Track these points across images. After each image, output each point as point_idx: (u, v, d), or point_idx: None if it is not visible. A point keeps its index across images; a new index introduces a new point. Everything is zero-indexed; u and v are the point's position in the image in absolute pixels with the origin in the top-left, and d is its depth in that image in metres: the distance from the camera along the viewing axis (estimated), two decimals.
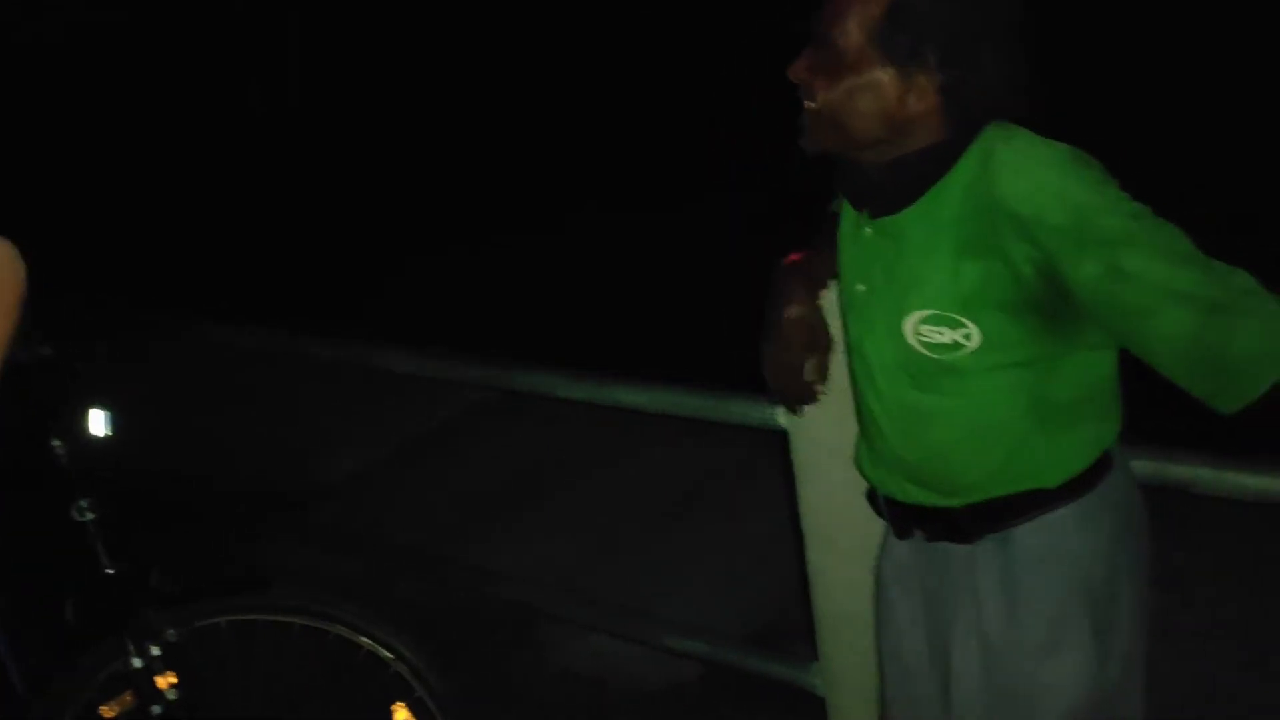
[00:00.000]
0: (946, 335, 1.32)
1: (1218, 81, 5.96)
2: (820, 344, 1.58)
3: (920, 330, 1.34)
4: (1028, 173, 1.26)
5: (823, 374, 1.62)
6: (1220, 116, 5.61)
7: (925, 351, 1.34)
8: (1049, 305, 1.27)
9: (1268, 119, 5.36)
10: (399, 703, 2.02)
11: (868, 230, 1.41)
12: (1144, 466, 1.55)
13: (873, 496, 1.61)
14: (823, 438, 1.77)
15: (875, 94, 1.30)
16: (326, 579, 2.80)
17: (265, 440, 3.93)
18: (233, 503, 3.40)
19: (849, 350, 1.52)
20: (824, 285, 1.62)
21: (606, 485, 3.61)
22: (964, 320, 1.30)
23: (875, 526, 1.70)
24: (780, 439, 1.96)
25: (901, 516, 1.53)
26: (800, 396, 1.60)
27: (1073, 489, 1.39)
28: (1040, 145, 1.29)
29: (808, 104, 1.36)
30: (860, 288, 1.43)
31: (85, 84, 8.40)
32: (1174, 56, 6.19)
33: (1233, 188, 4.74)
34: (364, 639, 2.04)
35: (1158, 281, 1.22)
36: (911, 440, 1.43)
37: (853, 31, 1.29)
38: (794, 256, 1.64)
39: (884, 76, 1.30)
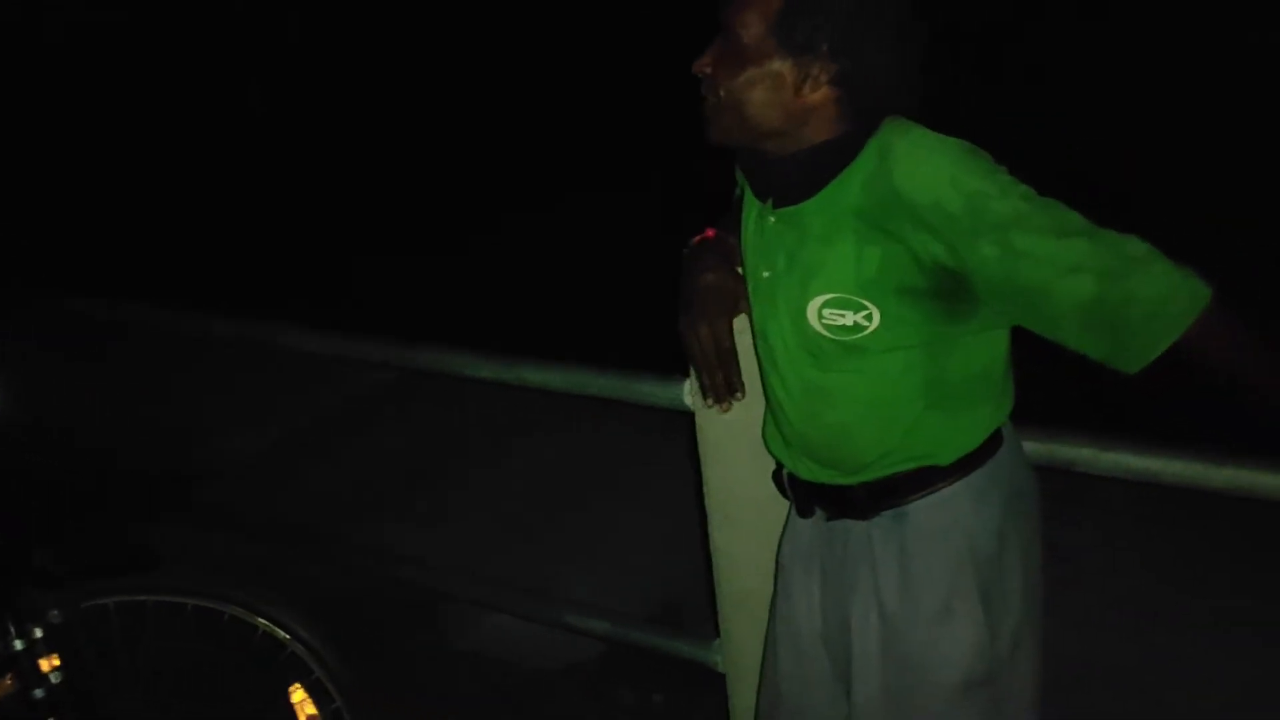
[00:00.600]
0: (848, 318, 1.37)
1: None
2: (738, 307, 1.59)
3: (823, 313, 1.39)
4: (924, 163, 1.31)
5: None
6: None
7: (827, 334, 1.40)
8: (945, 289, 1.32)
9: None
10: (296, 684, 1.98)
11: (771, 219, 1.45)
12: (1029, 446, 1.61)
13: (778, 476, 1.65)
14: (728, 418, 1.78)
15: (772, 84, 1.36)
16: (221, 561, 2.73)
17: (161, 420, 3.81)
18: (125, 483, 3.30)
19: (754, 334, 1.56)
20: (734, 260, 1.64)
21: (509, 467, 3.60)
22: (865, 303, 1.36)
23: (777, 506, 1.74)
24: (686, 421, 1.98)
25: (804, 495, 1.58)
26: (724, 374, 1.59)
27: (965, 466, 1.46)
28: (934, 138, 1.34)
29: (709, 96, 1.40)
30: (765, 273, 1.47)
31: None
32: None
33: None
34: (259, 619, 2.00)
35: (1050, 256, 1.27)
36: (813, 419, 1.48)
37: (753, 23, 1.35)
38: (708, 232, 1.67)
39: (781, 67, 1.35)
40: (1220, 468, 1.54)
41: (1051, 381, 1.61)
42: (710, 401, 1.62)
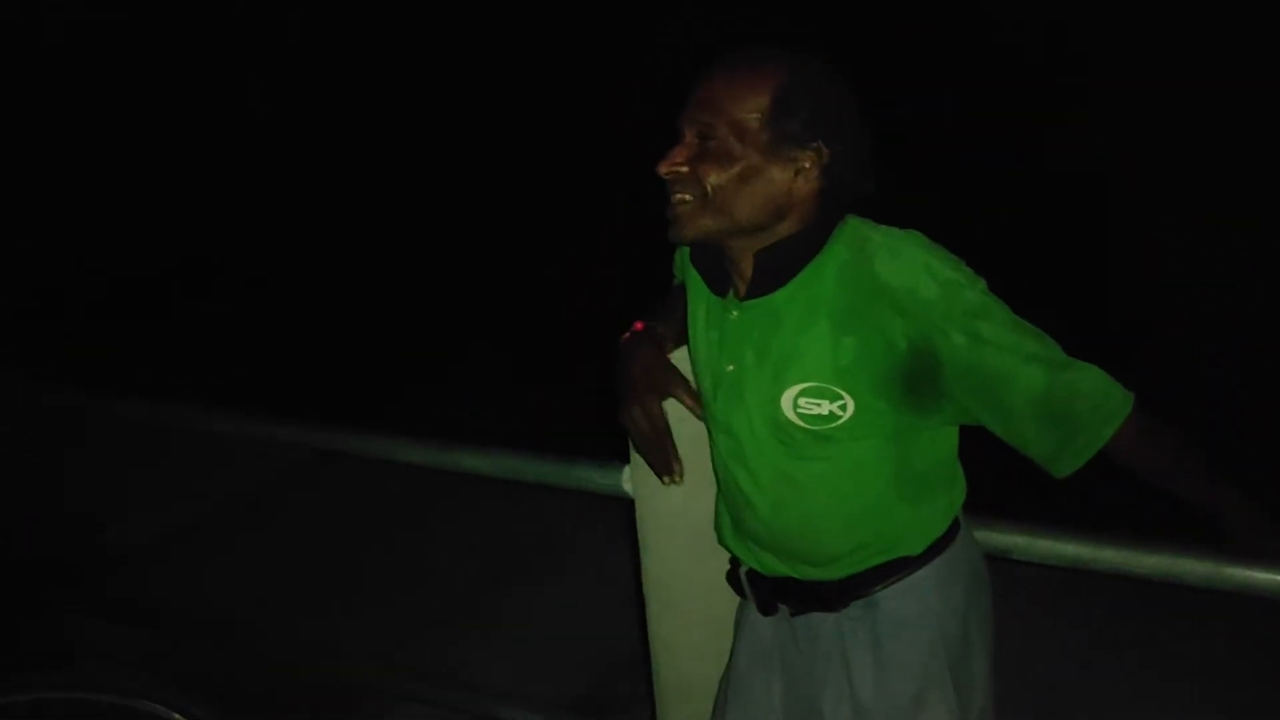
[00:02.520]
0: (825, 407, 1.39)
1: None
2: (675, 389, 1.61)
3: (799, 403, 1.41)
4: (902, 254, 1.37)
5: (694, 406, 1.61)
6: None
7: (802, 423, 1.41)
8: (917, 379, 1.36)
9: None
10: None
11: (734, 313, 1.47)
12: None
13: (733, 576, 1.65)
14: (670, 505, 1.79)
15: (767, 179, 1.37)
16: (129, 654, 2.60)
17: (57, 505, 3.64)
18: (21, 573, 3.12)
19: (713, 430, 1.56)
20: (664, 349, 1.66)
21: (430, 549, 3.52)
22: (841, 391, 1.38)
23: (718, 595, 1.73)
24: (622, 507, 1.97)
25: (766, 591, 1.58)
26: (664, 451, 1.60)
27: (931, 553, 1.49)
28: (900, 232, 1.41)
29: (680, 196, 1.39)
30: (729, 368, 1.48)
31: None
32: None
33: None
34: (177, 715, 1.91)
35: (1011, 346, 1.34)
36: (784, 512, 1.49)
37: (740, 120, 1.36)
38: (637, 325, 1.69)
39: (774, 161, 1.37)
40: (1149, 554, 1.59)
41: (984, 471, 1.65)
42: (664, 479, 1.62)
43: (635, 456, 1.79)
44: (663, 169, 1.39)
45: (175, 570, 3.44)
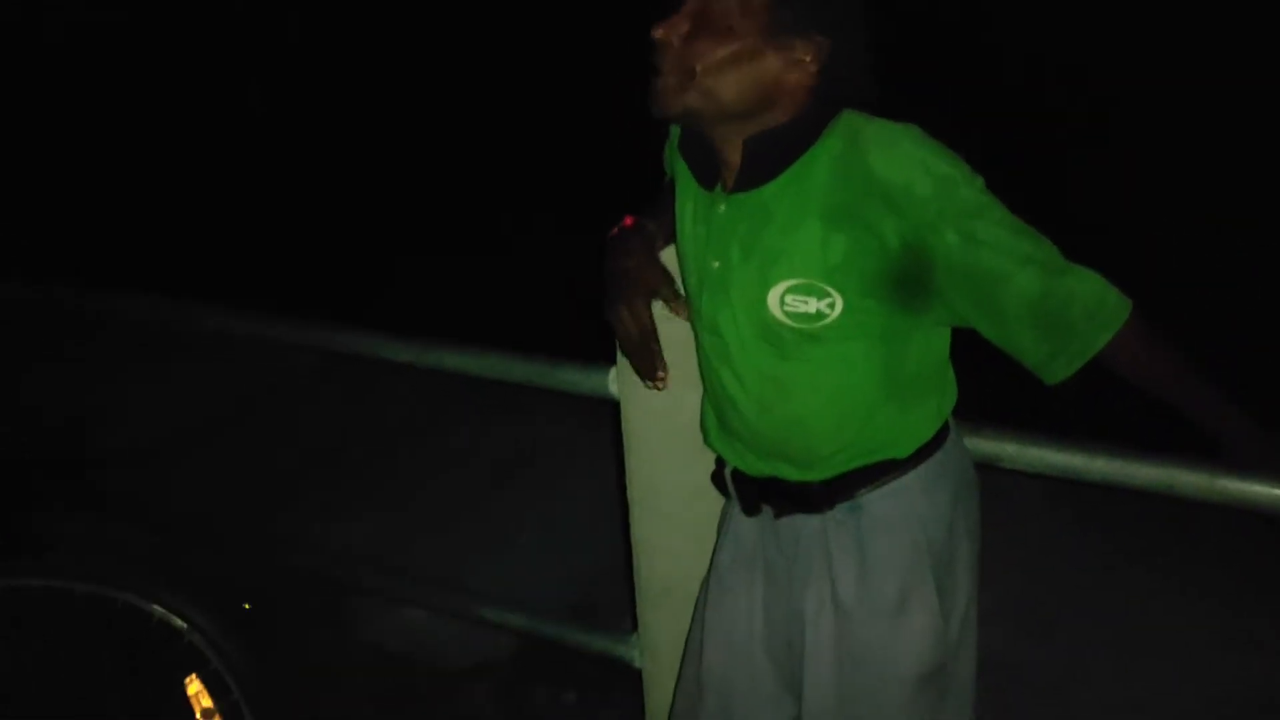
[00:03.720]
0: (812, 305, 1.34)
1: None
2: (662, 290, 1.56)
3: (785, 300, 1.36)
4: (896, 147, 1.30)
5: (678, 308, 1.58)
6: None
7: (789, 321, 1.37)
8: (908, 279, 1.31)
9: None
10: (193, 674, 1.89)
11: (722, 206, 1.41)
12: None
13: (718, 477, 1.62)
14: (656, 407, 1.76)
15: (758, 64, 1.31)
16: (117, 549, 2.60)
17: (48, 404, 3.63)
18: (15, 469, 3.12)
19: (699, 328, 1.52)
20: (659, 244, 1.61)
21: (422, 457, 3.52)
22: (829, 289, 1.33)
23: (702, 499, 1.71)
24: (608, 411, 1.94)
25: (751, 492, 1.55)
26: (650, 355, 1.56)
27: (919, 457, 1.46)
28: (897, 125, 1.33)
29: (669, 69, 1.33)
30: (715, 264, 1.43)
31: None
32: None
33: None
34: (155, 606, 1.90)
35: (1007, 247, 1.29)
36: (770, 412, 1.45)
37: None
38: (627, 220, 1.63)
39: (768, 47, 1.30)
40: (1142, 464, 1.56)
41: (975, 379, 1.61)
42: (647, 383, 1.58)
43: (622, 358, 1.75)
44: (658, 32, 1.32)
45: (166, 471, 3.44)
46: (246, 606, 2.43)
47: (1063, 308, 1.30)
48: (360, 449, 3.58)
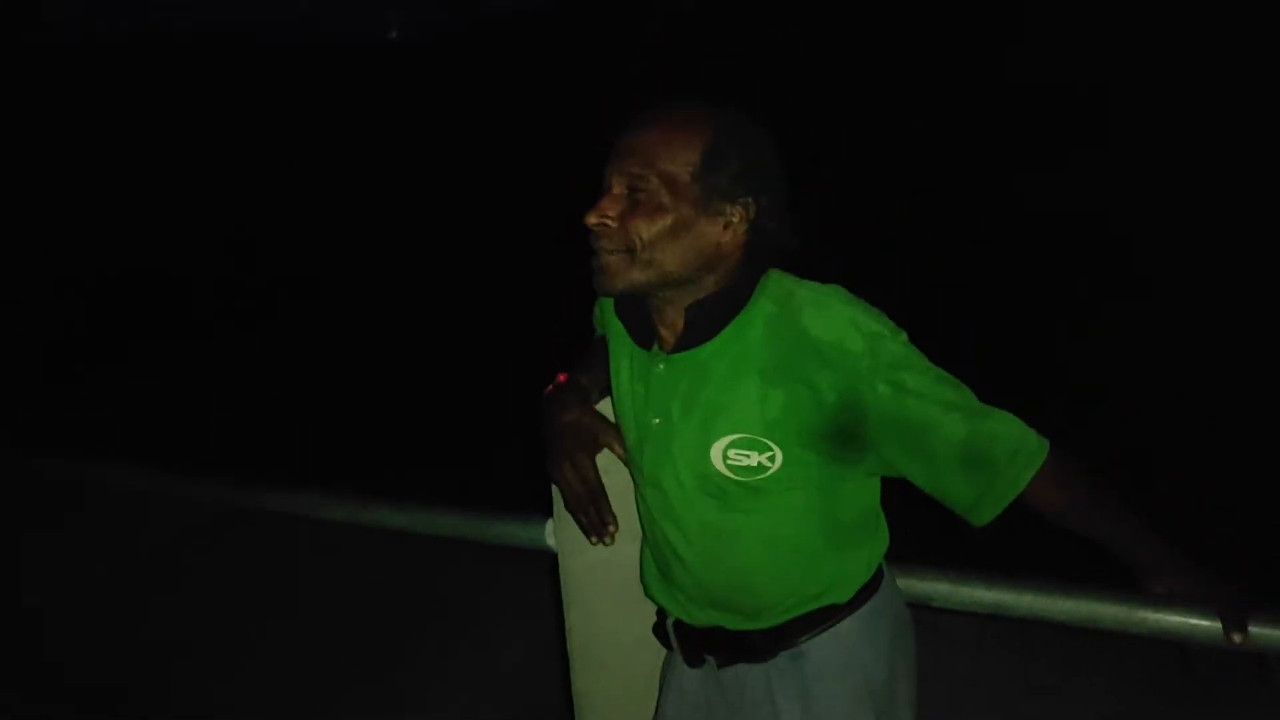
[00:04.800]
0: (754, 458, 1.40)
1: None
2: (603, 438, 1.60)
3: (728, 454, 1.41)
4: (827, 308, 1.39)
5: (621, 456, 1.60)
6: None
7: (731, 475, 1.41)
8: (843, 430, 1.37)
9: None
10: None
11: (660, 366, 1.47)
12: None
13: (660, 629, 1.63)
14: (594, 560, 1.77)
15: (696, 233, 1.38)
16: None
17: None
18: None
19: (640, 483, 1.55)
20: (594, 397, 1.65)
21: (347, 607, 3.41)
22: (769, 443, 1.39)
23: (644, 650, 1.72)
24: (545, 561, 1.94)
25: (694, 643, 1.57)
26: (597, 510, 1.58)
27: (856, 600, 1.50)
28: (825, 286, 1.43)
29: (610, 248, 1.38)
30: (655, 420, 1.48)
31: None
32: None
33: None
34: None
35: (933, 395, 1.36)
36: (714, 562, 1.48)
37: (671, 173, 1.36)
38: (560, 377, 1.68)
39: (704, 215, 1.38)
40: (1066, 598, 1.61)
41: (905, 520, 1.67)
42: (593, 540, 1.60)
43: (559, 510, 1.77)
44: (591, 220, 1.39)
45: (75, 635, 3.28)
46: None
47: (986, 449, 1.37)
48: (277, 606, 3.46)
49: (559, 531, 1.83)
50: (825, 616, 1.49)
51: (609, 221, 1.38)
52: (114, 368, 5.64)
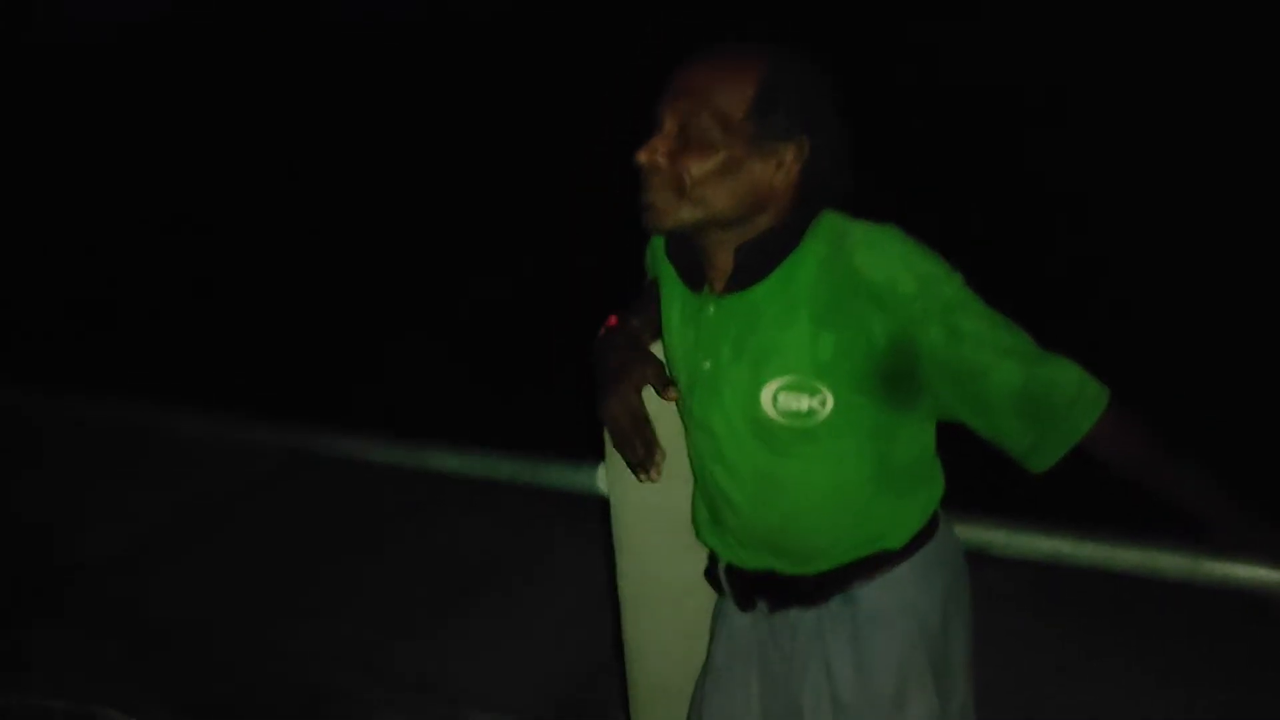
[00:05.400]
0: (804, 402, 1.37)
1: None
2: (653, 377, 1.57)
3: (778, 398, 1.38)
4: (880, 248, 1.35)
5: (668, 392, 1.56)
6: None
7: (782, 419, 1.39)
8: (896, 374, 1.34)
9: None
10: None
11: (711, 308, 1.44)
12: None
13: (711, 573, 1.62)
14: (646, 503, 1.76)
15: (748, 172, 1.35)
16: (93, 664, 2.54)
17: (21, 515, 3.56)
18: None
19: (691, 426, 1.53)
20: (645, 339, 1.64)
21: (404, 554, 3.46)
22: (821, 387, 1.36)
23: (695, 597, 1.71)
24: (596, 507, 1.94)
25: (746, 587, 1.56)
26: (645, 445, 1.56)
27: (911, 547, 1.48)
28: (879, 226, 1.38)
29: (660, 188, 1.35)
30: (706, 364, 1.45)
31: None
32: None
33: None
34: None
35: (989, 340, 1.32)
36: (765, 508, 1.46)
37: (725, 111, 1.33)
38: (611, 320, 1.66)
39: (756, 153, 1.34)
40: (1128, 549, 1.58)
41: (964, 466, 1.64)
42: (641, 476, 1.59)
43: (610, 454, 1.76)
44: (642, 157, 1.36)
45: (139, 579, 3.37)
46: None
47: (1044, 396, 1.33)
48: (337, 550, 3.52)
49: (611, 475, 1.83)
50: (879, 562, 1.47)
51: (660, 160, 1.35)
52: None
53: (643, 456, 1.56)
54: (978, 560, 1.66)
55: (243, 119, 8.86)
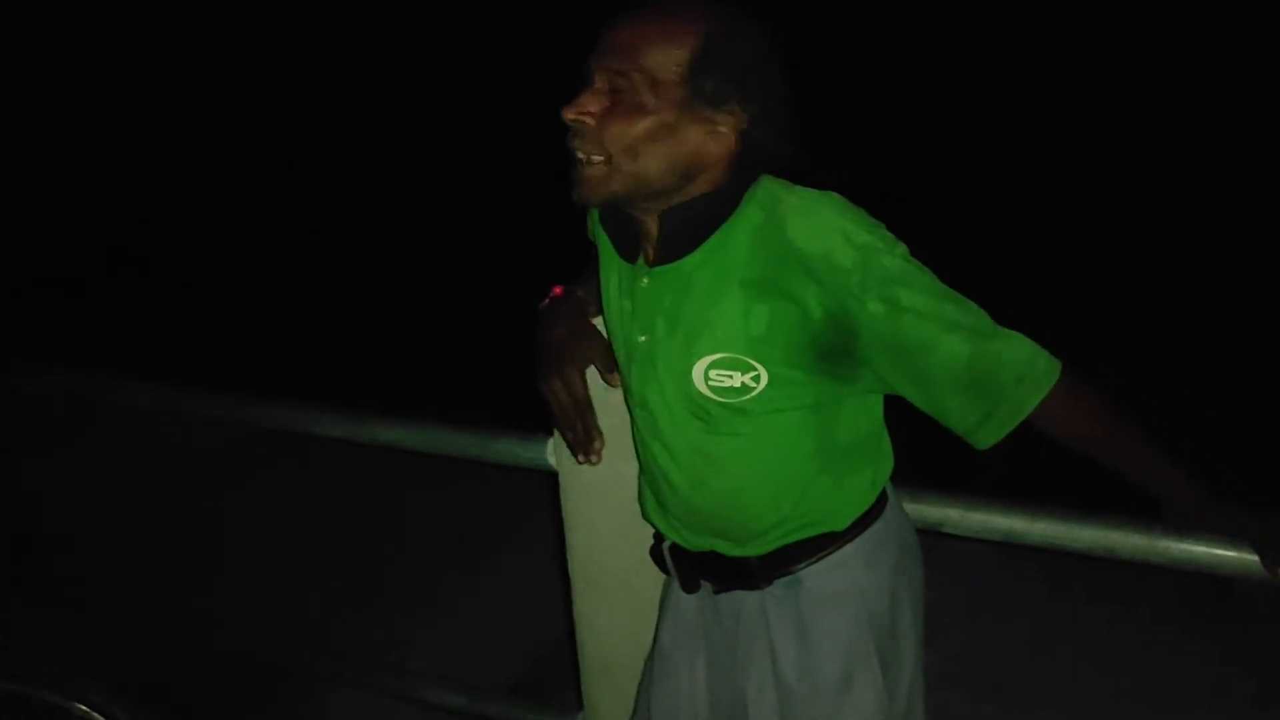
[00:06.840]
0: (736, 379, 1.31)
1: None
2: (596, 357, 1.53)
3: (710, 375, 1.32)
4: (815, 217, 1.27)
5: (611, 378, 1.53)
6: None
7: (714, 396, 1.33)
8: (832, 348, 1.28)
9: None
10: None
11: (644, 280, 1.38)
12: None
13: (657, 551, 1.58)
14: (593, 480, 1.72)
15: (678, 138, 1.27)
16: (50, 636, 2.50)
17: None
18: None
19: (630, 403, 1.48)
20: (591, 311, 1.59)
21: (364, 532, 3.43)
22: (753, 363, 1.30)
23: (644, 573, 1.67)
24: (550, 481, 1.90)
25: (689, 568, 1.51)
26: (585, 427, 1.53)
27: (858, 528, 1.43)
28: (816, 193, 1.31)
29: (587, 151, 1.28)
30: (641, 338, 1.39)
31: None
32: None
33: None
34: (78, 705, 1.81)
35: (932, 314, 1.25)
36: (703, 486, 1.41)
37: (656, 72, 1.25)
38: (556, 290, 1.61)
39: (688, 119, 1.26)
40: (1084, 527, 1.54)
41: (915, 445, 1.60)
42: (580, 458, 1.55)
43: (557, 430, 1.71)
44: (568, 114, 1.27)
45: (99, 555, 3.33)
46: None
47: (991, 372, 1.27)
48: (294, 526, 3.48)
49: (559, 451, 1.78)
50: (823, 544, 1.42)
51: (587, 119, 1.27)
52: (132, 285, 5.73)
53: (582, 439, 1.52)
54: (936, 535, 1.63)
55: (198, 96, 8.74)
